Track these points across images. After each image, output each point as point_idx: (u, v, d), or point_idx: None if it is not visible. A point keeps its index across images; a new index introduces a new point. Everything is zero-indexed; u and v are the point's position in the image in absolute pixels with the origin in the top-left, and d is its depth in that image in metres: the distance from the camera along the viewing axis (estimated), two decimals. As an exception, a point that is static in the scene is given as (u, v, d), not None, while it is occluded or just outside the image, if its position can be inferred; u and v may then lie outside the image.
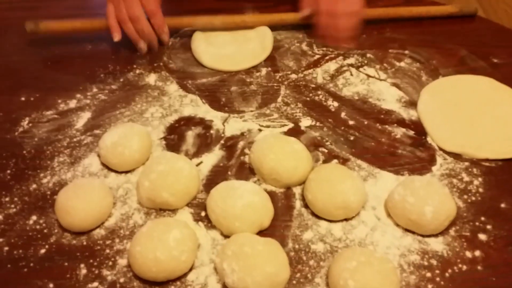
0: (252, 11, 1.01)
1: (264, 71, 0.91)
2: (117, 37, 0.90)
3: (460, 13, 1.00)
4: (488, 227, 0.68)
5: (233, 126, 0.82)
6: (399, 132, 0.80)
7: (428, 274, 0.63)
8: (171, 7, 0.99)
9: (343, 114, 0.83)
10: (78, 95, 0.87)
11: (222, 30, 0.97)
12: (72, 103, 0.86)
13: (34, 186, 0.74)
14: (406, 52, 0.94)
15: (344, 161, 0.76)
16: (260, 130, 0.81)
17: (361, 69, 0.91)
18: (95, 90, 0.88)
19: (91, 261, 0.65)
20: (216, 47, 0.95)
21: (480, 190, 0.72)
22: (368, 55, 0.93)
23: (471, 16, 1.01)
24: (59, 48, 0.97)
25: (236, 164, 0.77)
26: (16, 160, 0.77)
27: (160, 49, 0.96)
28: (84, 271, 0.64)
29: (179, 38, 0.98)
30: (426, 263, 0.64)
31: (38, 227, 0.69)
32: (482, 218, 0.69)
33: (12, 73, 0.93)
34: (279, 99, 0.86)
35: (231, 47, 0.95)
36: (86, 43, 0.98)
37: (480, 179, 0.73)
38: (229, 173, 0.75)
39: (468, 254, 0.65)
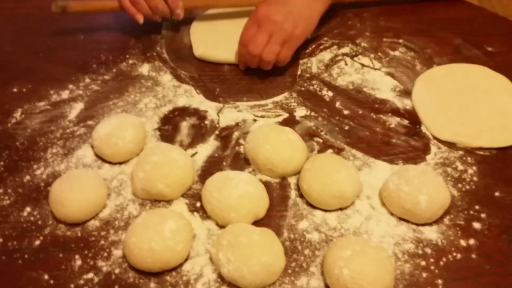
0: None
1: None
2: (140, 19, 0.90)
3: None
4: (482, 215, 0.68)
5: (227, 116, 0.82)
6: (393, 121, 0.80)
7: (423, 263, 0.64)
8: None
9: (337, 104, 0.83)
10: (71, 86, 0.87)
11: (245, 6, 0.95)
12: (65, 94, 0.85)
13: (28, 177, 0.74)
14: (401, 41, 0.93)
15: (339, 151, 0.76)
16: (255, 120, 0.81)
17: (355, 58, 0.90)
18: (87, 80, 0.88)
19: (86, 252, 0.65)
20: (217, 36, 0.93)
21: (475, 178, 0.72)
22: (363, 44, 0.93)
23: None
24: (51, 38, 0.96)
25: (231, 155, 0.76)
26: (9, 152, 0.77)
27: (154, 39, 0.96)
28: (79, 262, 0.64)
29: (171, 27, 0.98)
30: (420, 252, 0.65)
31: (32, 218, 0.69)
32: (477, 207, 0.69)
33: (4, 64, 0.92)
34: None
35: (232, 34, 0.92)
36: (79, 33, 0.97)
37: (474, 167, 0.74)
38: (224, 163, 0.75)
39: (463, 242, 0.66)
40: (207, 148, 0.77)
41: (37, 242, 0.67)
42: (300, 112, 0.82)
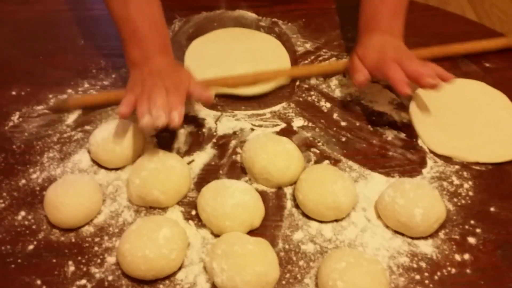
0: (247, 9, 1.01)
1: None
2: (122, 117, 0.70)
3: None
4: (478, 230, 0.68)
5: (225, 124, 0.82)
6: (390, 134, 0.81)
7: (417, 277, 0.64)
8: (163, 3, 0.98)
9: (335, 115, 0.83)
10: (70, 90, 0.87)
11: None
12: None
13: (23, 181, 0.73)
14: (400, 54, 0.94)
15: (335, 162, 0.76)
16: (252, 129, 0.81)
17: (354, 70, 0.91)
18: (86, 85, 0.88)
19: (79, 258, 0.65)
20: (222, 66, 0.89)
21: (470, 193, 0.73)
22: (362, 56, 0.93)
23: None
24: (51, 42, 0.96)
25: (228, 163, 0.76)
26: (5, 155, 0.77)
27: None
28: (72, 268, 0.64)
29: (171, 34, 0.98)
30: (415, 266, 0.65)
31: (26, 223, 0.69)
32: (472, 222, 0.69)
33: (4, 67, 0.92)
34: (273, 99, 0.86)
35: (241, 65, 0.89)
36: (79, 38, 0.97)
37: (470, 182, 0.74)
38: (221, 172, 0.75)
39: (457, 257, 0.66)
40: (204, 156, 0.77)
41: (31, 247, 0.66)
42: (298, 122, 0.82)
